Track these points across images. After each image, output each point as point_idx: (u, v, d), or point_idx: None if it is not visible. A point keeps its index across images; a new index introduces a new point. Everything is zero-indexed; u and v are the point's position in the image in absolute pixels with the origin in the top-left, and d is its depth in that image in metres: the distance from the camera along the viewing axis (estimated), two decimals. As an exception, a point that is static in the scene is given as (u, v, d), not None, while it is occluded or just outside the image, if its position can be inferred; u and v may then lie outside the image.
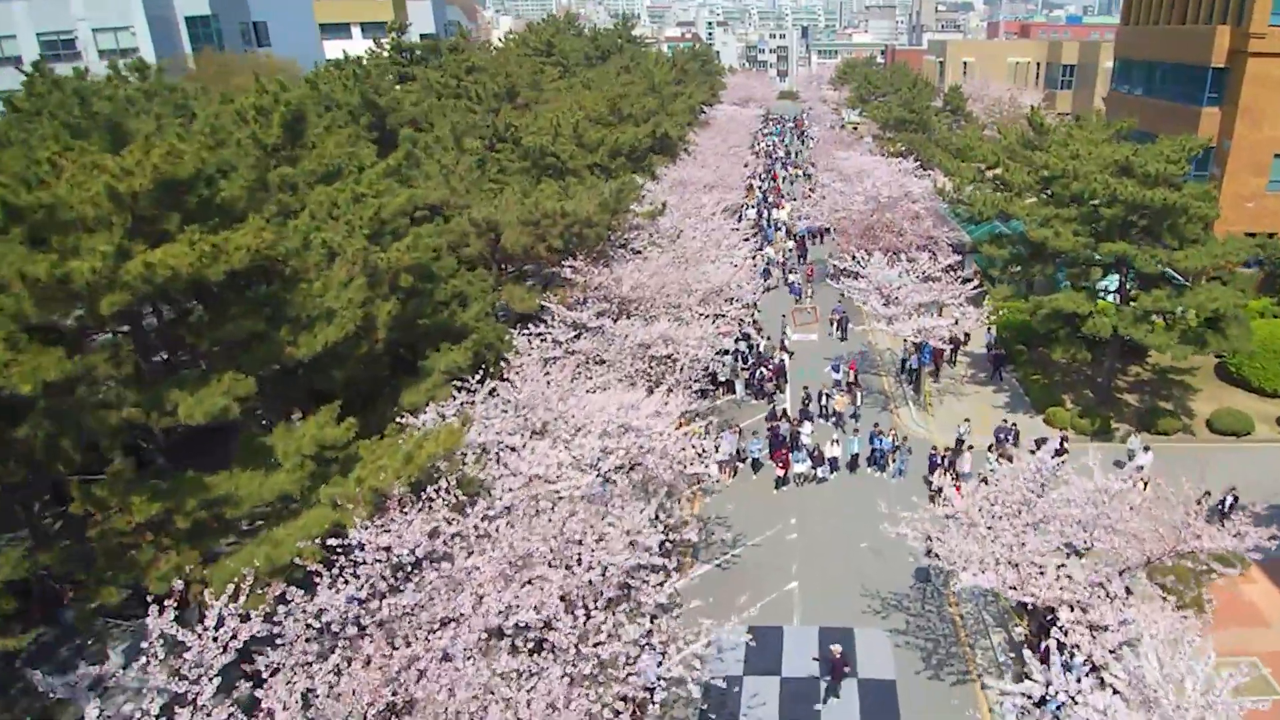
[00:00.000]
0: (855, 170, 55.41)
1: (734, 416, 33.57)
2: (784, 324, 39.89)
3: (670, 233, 35.31)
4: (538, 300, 26.56)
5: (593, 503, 18.09)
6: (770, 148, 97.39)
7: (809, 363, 38.57)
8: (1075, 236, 28.35)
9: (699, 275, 30.99)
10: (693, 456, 20.95)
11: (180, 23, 61.54)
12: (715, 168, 55.67)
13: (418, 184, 28.43)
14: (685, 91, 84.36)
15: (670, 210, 37.88)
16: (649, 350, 25.48)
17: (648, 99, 59.85)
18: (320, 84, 36.26)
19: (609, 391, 23.26)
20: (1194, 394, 34.69)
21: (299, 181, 21.93)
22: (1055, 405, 33.06)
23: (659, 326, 25.69)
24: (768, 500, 28.23)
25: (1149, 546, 16.63)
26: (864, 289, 33.50)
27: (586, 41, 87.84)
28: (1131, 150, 28.23)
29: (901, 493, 28.26)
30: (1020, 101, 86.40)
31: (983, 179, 42.15)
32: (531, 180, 33.67)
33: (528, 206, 25.94)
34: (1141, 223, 28.56)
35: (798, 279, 47.14)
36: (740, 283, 32.50)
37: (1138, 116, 43.68)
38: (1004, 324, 37.30)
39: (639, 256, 31.14)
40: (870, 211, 44.56)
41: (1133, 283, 30.74)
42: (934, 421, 33.32)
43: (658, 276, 28.81)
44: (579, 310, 27.06)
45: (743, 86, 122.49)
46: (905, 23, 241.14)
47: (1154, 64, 49.64)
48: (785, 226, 58.03)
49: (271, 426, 17.35)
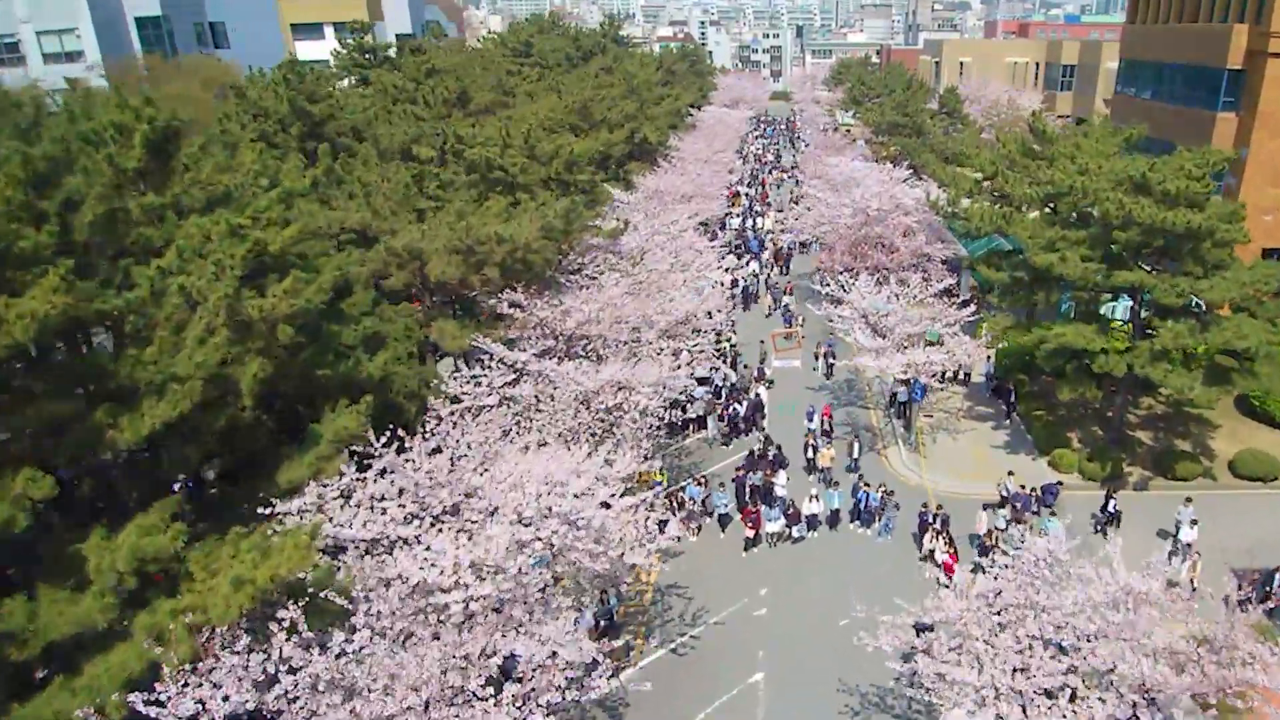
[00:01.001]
0: (844, 178, 52.13)
1: (704, 459, 30.18)
2: (763, 351, 36.46)
3: (633, 254, 31.92)
4: (468, 339, 23.16)
5: (502, 611, 14.71)
6: (760, 151, 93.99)
7: (791, 394, 35.14)
8: (1084, 262, 24.96)
9: (663, 304, 27.59)
10: (637, 539, 17.52)
11: (130, 24, 58.12)
12: (695, 176, 52.25)
13: (338, 205, 25.02)
14: (672, 93, 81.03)
15: (638, 227, 34.51)
16: (596, 399, 22.07)
17: (626, 102, 56.46)
18: (249, 91, 32.81)
19: (545, 450, 19.88)
20: (1213, 431, 31.29)
21: (168, 213, 18.48)
22: (1061, 446, 29.68)
23: (608, 370, 22.26)
24: (735, 564, 24.83)
25: (1189, 677, 13.24)
26: (848, 317, 30.03)
27: (567, 42, 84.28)
28: (1147, 165, 24.84)
29: (888, 555, 24.93)
30: (1019, 103, 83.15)
31: (980, 190, 38.79)
32: (477, 198, 30.29)
33: (458, 232, 22.53)
34: (1158, 242, 25.16)
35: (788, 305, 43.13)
36: (710, 310, 29.07)
37: (1146, 121, 40.34)
38: (1004, 352, 33.92)
39: (594, 283, 27.72)
40: (858, 225, 41.15)
41: (1148, 310, 27.36)
42: (926, 464, 29.92)
43: (612, 308, 25.38)
44: (519, 348, 23.65)
45: (734, 87, 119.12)
46: (901, 22, 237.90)
47: (1163, 65, 46.26)
48: (768, 239, 54.49)
49: (114, 527, 13.96)
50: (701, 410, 31.35)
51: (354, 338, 20.92)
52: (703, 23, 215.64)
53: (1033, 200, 34.73)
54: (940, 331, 29.20)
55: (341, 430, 17.34)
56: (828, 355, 34.95)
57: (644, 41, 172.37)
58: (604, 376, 22.00)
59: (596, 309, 24.98)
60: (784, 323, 39.45)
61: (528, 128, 29.89)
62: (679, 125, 74.76)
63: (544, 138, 30.44)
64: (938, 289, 32.00)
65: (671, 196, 48.15)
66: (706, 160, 59.24)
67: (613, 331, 24.78)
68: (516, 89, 56.60)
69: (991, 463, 29.83)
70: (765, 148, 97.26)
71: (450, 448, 19.02)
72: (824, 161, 59.03)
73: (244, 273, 17.33)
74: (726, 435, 31.11)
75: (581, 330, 24.61)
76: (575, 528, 15.90)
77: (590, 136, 48.03)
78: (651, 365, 23.56)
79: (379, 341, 21.90)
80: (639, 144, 57.71)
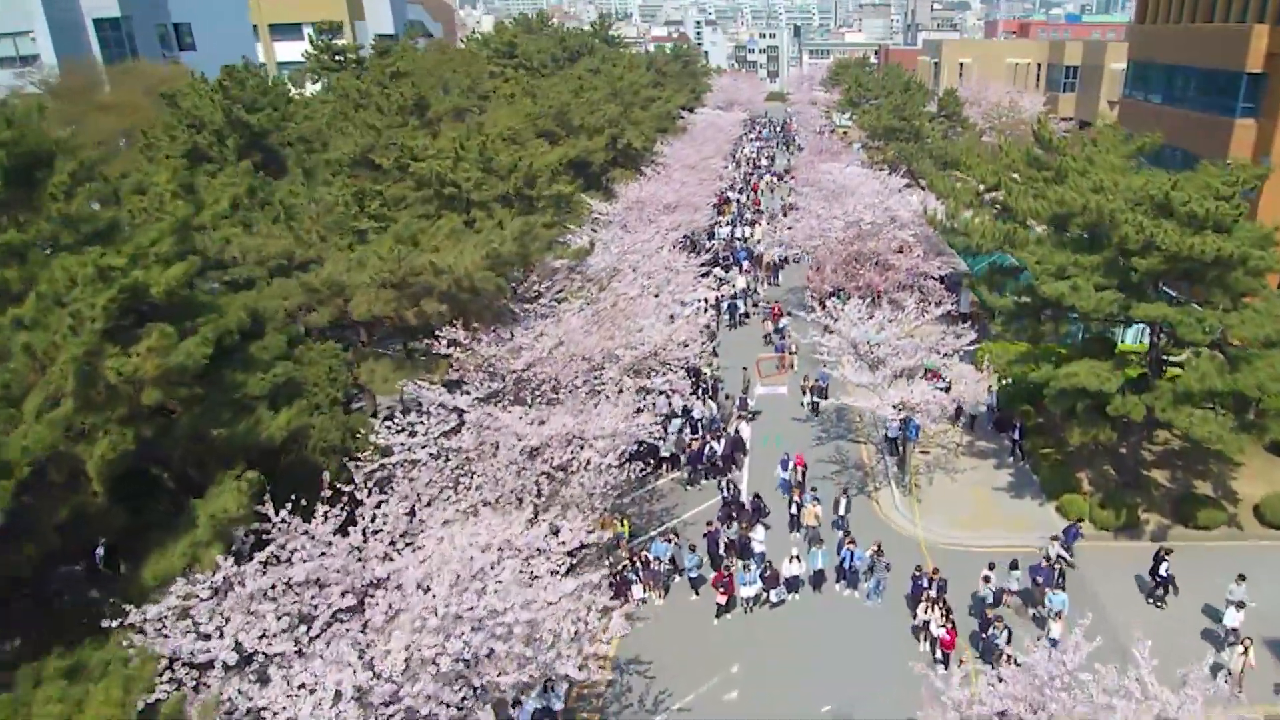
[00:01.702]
0: (838, 186, 49.38)
1: (677, 504, 27.44)
2: (747, 378, 33.69)
3: (602, 276, 29.20)
4: (398, 384, 20.43)
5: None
6: (753, 154, 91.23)
7: (776, 425, 32.41)
8: (1099, 292, 22.20)
9: (630, 335, 24.85)
10: (578, 636, 14.79)
11: (89, 26, 55.32)
12: (680, 184, 49.44)
13: (261, 230, 22.28)
14: (662, 95, 78.32)
15: (610, 246, 31.79)
16: (541, 456, 19.31)
17: (609, 106, 53.71)
18: (183, 100, 30.07)
19: (478, 518, 17.18)
20: (1236, 470, 28.52)
21: (31, 250, 15.77)
22: (1070, 489, 26.95)
23: (556, 421, 19.49)
24: (706, 634, 22.07)
25: None
26: (836, 348, 27.22)
27: (553, 42, 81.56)
28: (1170, 183, 22.08)
29: (879, 622, 22.19)
30: (1020, 105, 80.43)
31: (981, 203, 36.08)
32: (430, 216, 27.59)
33: (388, 262, 19.80)
34: (1181, 267, 22.41)
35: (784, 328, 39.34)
36: (684, 340, 26.32)
37: (1158, 128, 37.62)
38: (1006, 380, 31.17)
39: (555, 311, 24.98)
40: (850, 238, 38.38)
41: (1168, 343, 24.64)
42: (921, 509, 27.17)
43: (569, 343, 22.62)
44: (463, 391, 20.92)
45: (729, 88, 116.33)
46: (900, 22, 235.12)
47: (1175, 68, 43.51)
48: (758, 248, 51.67)
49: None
50: (675, 448, 28.63)
51: (262, 387, 18.17)
52: (698, 22, 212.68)
53: (1038, 215, 32.02)
54: (939, 363, 26.44)
55: (220, 512, 14.61)
56: (814, 390, 31.96)
57: (638, 42, 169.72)
58: (550, 429, 19.24)
59: (551, 345, 22.23)
60: (776, 350, 36.41)
61: (483, 139, 27.15)
62: (669, 129, 72.01)
63: (503, 149, 27.71)
64: (935, 314, 29.20)
65: (654, 207, 45.39)
66: (694, 166, 56.42)
67: (568, 371, 22.00)
68: (497, 92, 53.94)
69: (993, 508, 27.10)
70: (759, 151, 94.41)
71: (364, 520, 16.32)
72: (817, 168, 56.25)
73: (109, 325, 14.64)
74: (704, 473, 28.36)
75: (533, 371, 21.86)
76: (497, 635, 13.17)
77: (567, 144, 45.34)
78: (610, 410, 20.77)
79: (294, 389, 19.17)
80: (622, 150, 54.99)
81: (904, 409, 25.16)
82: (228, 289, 22.24)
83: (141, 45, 56.31)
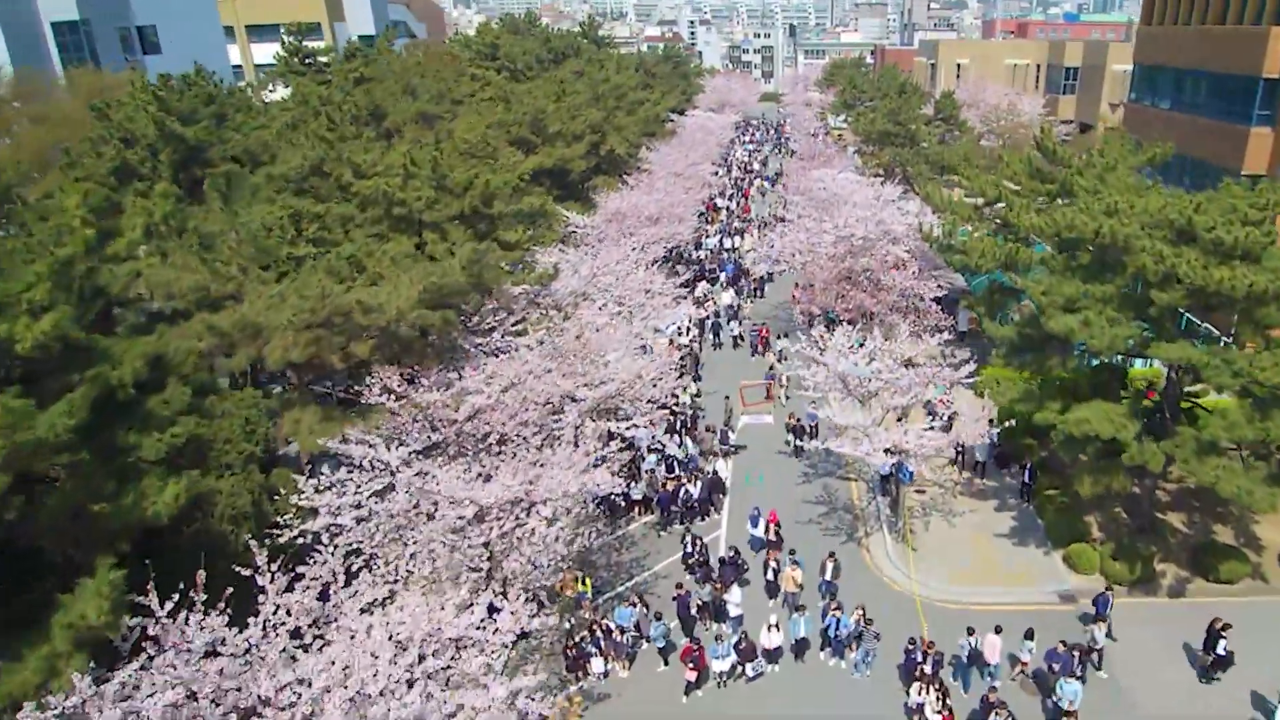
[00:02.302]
0: (830, 195, 47.04)
1: (650, 552, 25.07)
2: (729, 407, 31.32)
3: (569, 301, 26.87)
4: (325, 437, 18.06)
5: None
6: (745, 158, 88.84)
7: (758, 459, 30.05)
8: (1113, 327, 19.85)
9: (595, 370, 22.49)
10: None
11: (47, 30, 52.86)
12: (664, 194, 47.02)
13: (174, 264, 19.88)
14: (651, 97, 75.97)
15: (578, 267, 29.44)
16: (482, 524, 16.91)
17: (590, 110, 51.29)
18: (114, 112, 27.65)
19: (402, 600, 14.86)
20: (1258, 514, 26.22)
21: None
22: (1079, 537, 24.63)
23: (499, 482, 17.10)
24: (674, 713, 19.70)
25: None
26: (823, 383, 24.78)
27: (538, 43, 79.06)
28: (1192, 205, 19.75)
29: (866, 698, 19.83)
30: (1019, 108, 78.17)
31: (980, 217, 33.75)
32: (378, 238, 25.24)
33: (310, 301, 17.43)
34: (1206, 301, 20.09)
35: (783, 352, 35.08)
36: (656, 378, 23.94)
37: (1167, 135, 35.34)
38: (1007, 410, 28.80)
39: (512, 346, 22.60)
40: (841, 254, 36.00)
41: (1188, 380, 22.31)
42: (916, 559, 24.81)
43: (521, 387, 20.24)
44: (398, 443, 18.54)
45: (722, 89, 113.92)
46: (897, 21, 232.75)
47: (1185, 73, 41.20)
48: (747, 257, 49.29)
49: None
50: (648, 489, 26.29)
51: (157, 450, 15.81)
52: (693, 22, 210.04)
53: (1042, 232, 29.69)
54: (937, 395, 24.09)
55: (78, 620, 12.24)
56: (798, 430, 29.40)
57: (631, 41, 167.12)
58: (493, 492, 16.83)
59: (501, 388, 19.84)
60: (767, 378, 33.74)
61: (437, 153, 24.77)
62: (658, 132, 69.65)
63: (459, 163, 25.31)
64: (932, 344, 26.85)
65: (635, 219, 43.01)
66: (680, 174, 54.02)
67: (519, 419, 19.57)
68: (474, 96, 51.49)
69: (996, 558, 24.75)
70: (751, 154, 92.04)
71: (267, 610, 14.00)
72: (809, 176, 53.89)
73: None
74: (678, 518, 26.01)
75: (480, 420, 19.47)
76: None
77: (543, 152, 43.00)
78: (566, 465, 18.37)
79: (200, 449, 16.82)
80: (605, 157, 52.63)
81: (897, 453, 22.80)
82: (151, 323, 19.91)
83: (103, 49, 53.92)
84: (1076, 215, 20.42)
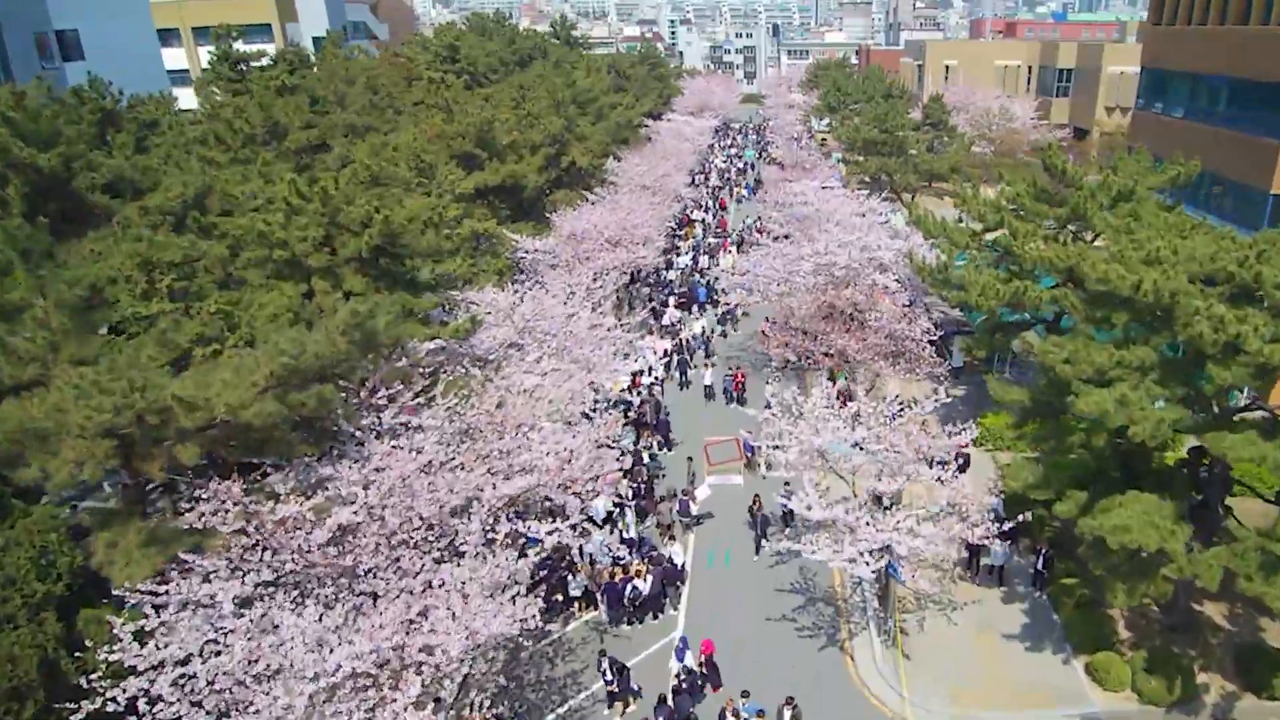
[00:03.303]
0: (812, 211, 42.89)
1: (586, 668, 20.72)
2: (690, 470, 27.05)
3: (497, 355, 22.58)
4: (146, 569, 13.69)
5: None
6: (724, 165, 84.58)
7: (727, 532, 25.71)
8: (1159, 413, 15.67)
9: (508, 459, 18.17)
10: None
11: (-47, 34, 47.99)
12: (629, 210, 42.64)
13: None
14: (624, 102, 71.60)
15: (510, 315, 25.10)
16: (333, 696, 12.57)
17: (551, 119, 46.89)
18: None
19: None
20: (1313, 602, 22.14)
21: None
22: (1104, 643, 20.49)
23: (363, 638, 12.75)
24: None
25: None
26: (795, 460, 20.40)
27: (502, 44, 74.62)
28: (1254, 253, 15.63)
29: None
30: (1011, 111, 74.31)
31: (980, 246, 29.67)
32: (262, 286, 20.89)
33: (113, 397, 13.06)
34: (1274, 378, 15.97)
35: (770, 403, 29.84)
36: (592, 460, 19.56)
37: (1180, 146, 31.35)
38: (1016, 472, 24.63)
39: (409, 425, 18.20)
40: (822, 285, 31.77)
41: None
42: (909, 670, 20.59)
43: (406, 492, 15.84)
44: (237, 576, 14.18)
45: (702, 91, 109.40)
46: (882, 20, 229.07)
47: (1201, 77, 37.22)
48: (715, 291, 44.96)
49: None
50: (587, 581, 21.99)
51: None
52: (673, 21, 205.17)
53: (1054, 267, 25.64)
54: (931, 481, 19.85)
55: None
56: (763, 522, 24.34)
57: (609, 42, 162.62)
58: (352, 652, 12.49)
59: (381, 495, 15.47)
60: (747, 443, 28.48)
61: (329, 181, 20.39)
62: (631, 139, 65.32)
63: (358, 192, 20.94)
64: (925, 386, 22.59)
65: (594, 242, 38.68)
66: (649, 186, 49.63)
67: (394, 552, 15.15)
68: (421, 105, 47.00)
69: (1005, 668, 20.54)
70: (730, 160, 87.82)
71: None
72: (788, 190, 49.71)
73: None
74: (627, 617, 21.72)
75: (346, 543, 15.08)
76: None
77: (490, 168, 38.62)
78: (460, 607, 14.03)
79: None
80: (566, 169, 48.24)
81: (885, 553, 18.57)
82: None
83: (16, 57, 49.05)
84: (1111, 267, 16.20)
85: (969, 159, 64.92)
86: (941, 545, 18.70)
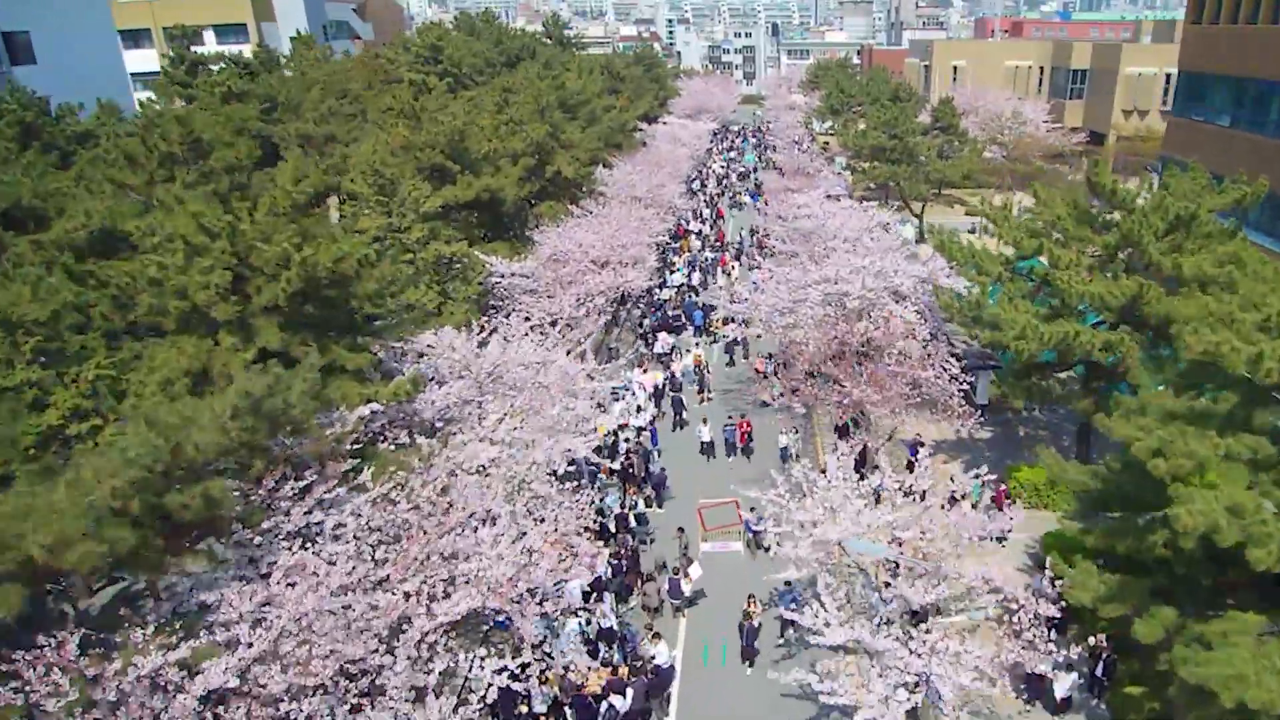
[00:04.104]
0: (816, 225, 39.27)
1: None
2: (683, 540, 23.27)
3: (438, 429, 18.92)
4: None
5: None
6: (722, 171, 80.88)
7: (722, 617, 21.75)
8: (1268, 518, 12.03)
9: (449, 566, 14.50)
10: None
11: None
12: (618, 227, 38.96)
13: None
14: (617, 105, 67.99)
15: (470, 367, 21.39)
16: None
17: (534, 126, 43.19)
18: None
19: None
20: None
21: None
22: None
23: None
24: None
25: None
26: (806, 557, 16.66)
27: (488, 45, 70.93)
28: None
29: None
30: (1023, 115, 70.58)
31: (1014, 275, 26.02)
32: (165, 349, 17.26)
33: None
34: None
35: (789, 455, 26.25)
36: (556, 564, 15.86)
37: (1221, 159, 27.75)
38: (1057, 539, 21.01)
39: (320, 532, 14.51)
40: (832, 320, 28.07)
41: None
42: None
43: (316, 629, 12.19)
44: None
45: (700, 93, 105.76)
46: (883, 19, 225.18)
47: (1249, 82, 33.53)
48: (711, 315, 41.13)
49: None
50: (555, 692, 18.30)
51: None
52: (671, 20, 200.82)
53: (1106, 306, 22.08)
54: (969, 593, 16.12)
55: None
56: (751, 634, 20.02)
57: (605, 41, 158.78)
58: None
59: (272, 638, 11.80)
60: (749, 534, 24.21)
61: (239, 210, 16.75)
62: (624, 145, 61.65)
63: (276, 226, 17.30)
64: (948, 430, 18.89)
65: (578, 264, 35.00)
66: (641, 198, 45.97)
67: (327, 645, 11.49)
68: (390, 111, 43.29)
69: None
70: (729, 165, 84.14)
71: None
72: (789, 201, 46.05)
73: None
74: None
75: (230, 697, 11.42)
76: None
77: (462, 182, 34.91)
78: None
79: None
80: (550, 180, 44.55)
81: (917, 690, 14.90)
82: None
83: (-43, 58, 45.36)
84: (1222, 336, 12.48)
85: (982, 165, 61.37)
86: (990, 669, 14.97)
